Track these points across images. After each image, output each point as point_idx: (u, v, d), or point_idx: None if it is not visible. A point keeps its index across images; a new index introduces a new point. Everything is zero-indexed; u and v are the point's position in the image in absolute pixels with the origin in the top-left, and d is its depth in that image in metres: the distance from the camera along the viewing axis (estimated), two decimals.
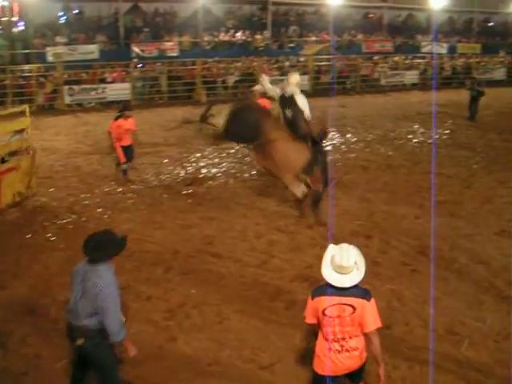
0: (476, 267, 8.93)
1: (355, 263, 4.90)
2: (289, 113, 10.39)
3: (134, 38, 31.15)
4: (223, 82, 27.29)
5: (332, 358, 4.92)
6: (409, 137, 18.14)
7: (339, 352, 4.92)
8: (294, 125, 10.35)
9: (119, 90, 25.18)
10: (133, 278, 8.34)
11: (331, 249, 5.05)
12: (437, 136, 18.41)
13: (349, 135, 18.27)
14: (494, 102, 25.95)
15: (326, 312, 4.85)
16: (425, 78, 32.53)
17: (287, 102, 10.39)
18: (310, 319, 5.03)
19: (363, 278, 4.92)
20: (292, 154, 10.23)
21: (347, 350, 4.92)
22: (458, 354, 6.66)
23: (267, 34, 34.33)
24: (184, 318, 7.35)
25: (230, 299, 7.79)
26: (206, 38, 32.42)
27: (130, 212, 11.29)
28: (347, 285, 4.82)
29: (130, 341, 5.38)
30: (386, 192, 12.51)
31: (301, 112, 10.36)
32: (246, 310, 7.53)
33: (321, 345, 5.02)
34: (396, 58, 33.54)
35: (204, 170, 14.07)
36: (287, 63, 30.00)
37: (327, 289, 4.87)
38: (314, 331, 5.31)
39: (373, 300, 4.89)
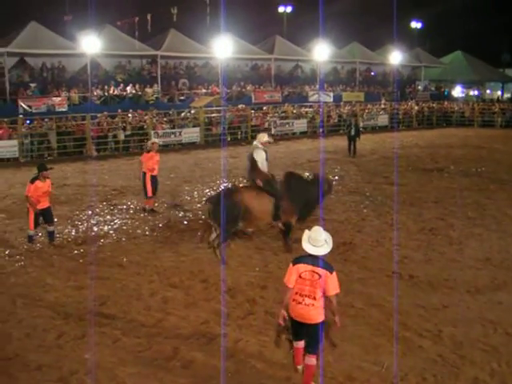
0: (370, 311, 9.12)
1: (325, 240, 6.98)
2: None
3: (21, 93, 30.36)
4: (114, 136, 27.00)
5: (294, 308, 6.95)
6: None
7: (299, 304, 6.88)
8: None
9: (6, 148, 24.33)
10: (21, 346, 7.94)
11: (308, 231, 7.13)
12: None
13: (241, 185, 18.40)
14: (379, 147, 27.18)
15: (302, 275, 6.87)
16: (313, 126, 33.60)
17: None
18: (291, 283, 6.93)
19: None
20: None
21: (305, 304, 6.84)
22: None
23: (157, 87, 34.43)
24: None
25: (125, 362, 7.53)
26: (95, 93, 32.06)
27: (18, 275, 10.75)
28: (321, 253, 6.89)
29: None
30: (280, 241, 12.52)
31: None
32: (142, 372, 7.29)
33: (291, 300, 6.96)
34: (285, 108, 34.45)
35: (95, 228, 13.72)
36: (178, 116, 30.11)
37: (304, 259, 6.97)
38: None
39: (334, 273, 6.88)
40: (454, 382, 7.12)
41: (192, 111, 31.20)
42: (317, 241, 6.93)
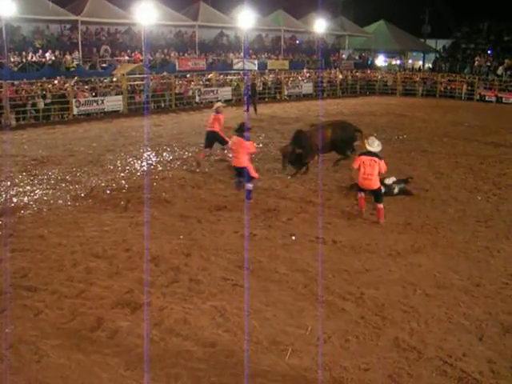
0: (294, 276, 9.24)
1: (378, 144, 11.83)
2: None
3: None
4: (33, 104, 26.09)
5: (361, 181, 11.86)
6: (225, 152, 18.47)
7: (365, 179, 11.74)
8: None
9: None
10: None
11: (369, 139, 12.01)
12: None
13: (165, 154, 18.24)
14: (303, 115, 27.38)
15: (365, 162, 11.66)
16: (238, 94, 33.49)
17: None
18: (356, 166, 11.82)
19: None
20: None
21: (368, 179, 11.69)
22: (283, 364, 6.83)
23: (78, 54, 33.43)
24: None
25: (48, 334, 7.39)
26: (12, 59, 30.80)
27: None
28: (375, 150, 11.76)
29: None
30: (204, 209, 12.61)
31: None
32: (66, 343, 7.18)
33: (359, 176, 11.82)
34: (209, 76, 34.13)
35: (15, 199, 13.29)
36: (100, 84, 29.37)
37: (365, 153, 11.81)
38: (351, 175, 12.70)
39: (383, 161, 11.75)
40: (375, 343, 7.33)
41: (114, 79, 30.48)
42: (373, 144, 11.78)
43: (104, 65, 34.28)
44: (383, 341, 7.37)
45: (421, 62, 56.08)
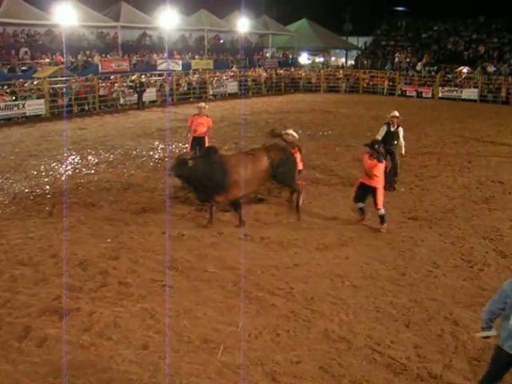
0: (224, 274, 9.28)
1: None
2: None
3: None
4: None
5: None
6: (150, 153, 18.33)
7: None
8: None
9: None
10: None
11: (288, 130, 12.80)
12: (176, 150, 18.81)
13: (90, 157, 17.93)
14: (228, 114, 27.43)
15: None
16: (163, 95, 33.25)
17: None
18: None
19: None
20: None
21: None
22: (215, 361, 6.86)
23: None
24: None
25: None
26: None
27: None
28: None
29: None
30: (131, 211, 12.49)
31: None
32: None
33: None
34: (133, 77, 33.71)
35: None
36: (21, 87, 28.53)
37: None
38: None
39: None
40: (306, 335, 7.45)
41: (35, 82, 29.68)
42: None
43: (24, 68, 33.26)
44: (313, 333, 7.51)
45: (343, 59, 57.10)
